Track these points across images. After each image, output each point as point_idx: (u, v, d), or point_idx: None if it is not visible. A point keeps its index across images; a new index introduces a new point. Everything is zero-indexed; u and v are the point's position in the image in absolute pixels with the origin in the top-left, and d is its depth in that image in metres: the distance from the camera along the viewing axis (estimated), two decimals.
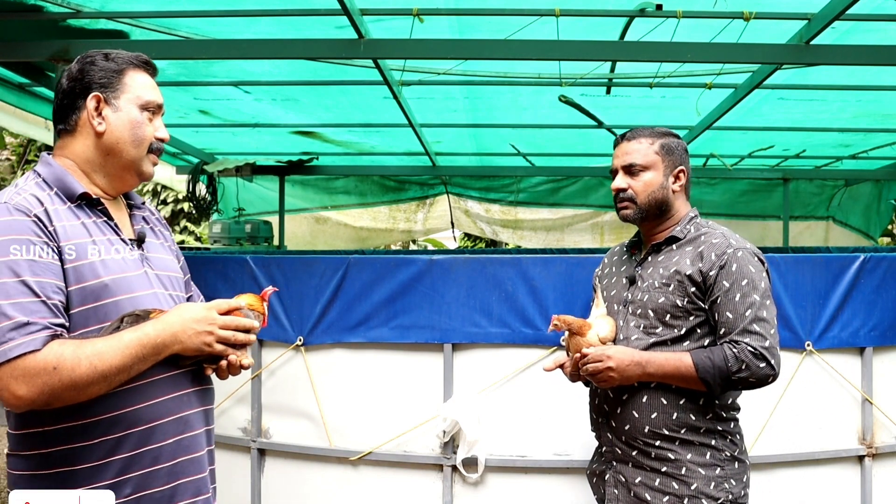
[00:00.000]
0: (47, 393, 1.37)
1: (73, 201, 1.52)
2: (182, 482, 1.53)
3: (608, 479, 2.05)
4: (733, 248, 1.92)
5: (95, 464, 1.45)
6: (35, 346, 1.37)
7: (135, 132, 1.57)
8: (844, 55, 3.45)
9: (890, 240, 8.78)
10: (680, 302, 1.94)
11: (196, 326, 1.50)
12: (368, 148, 6.46)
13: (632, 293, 2.04)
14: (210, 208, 6.79)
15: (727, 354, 1.85)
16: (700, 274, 1.92)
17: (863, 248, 6.02)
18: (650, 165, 2.02)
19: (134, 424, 1.47)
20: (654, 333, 1.96)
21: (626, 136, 2.07)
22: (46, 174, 1.54)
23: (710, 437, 1.94)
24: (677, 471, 1.92)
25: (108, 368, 1.41)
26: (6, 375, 1.36)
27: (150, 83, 1.62)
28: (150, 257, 1.62)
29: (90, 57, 1.59)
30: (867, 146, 6.03)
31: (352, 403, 2.96)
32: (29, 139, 9.10)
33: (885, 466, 2.93)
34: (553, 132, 5.69)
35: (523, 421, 2.85)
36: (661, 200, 2.02)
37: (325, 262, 2.98)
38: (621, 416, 1.99)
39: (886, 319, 2.91)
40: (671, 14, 3.24)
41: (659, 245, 2.04)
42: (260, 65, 4.11)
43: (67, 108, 1.57)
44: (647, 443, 1.95)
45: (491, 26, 3.54)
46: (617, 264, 2.20)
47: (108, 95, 1.56)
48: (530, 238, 7.57)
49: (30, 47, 3.53)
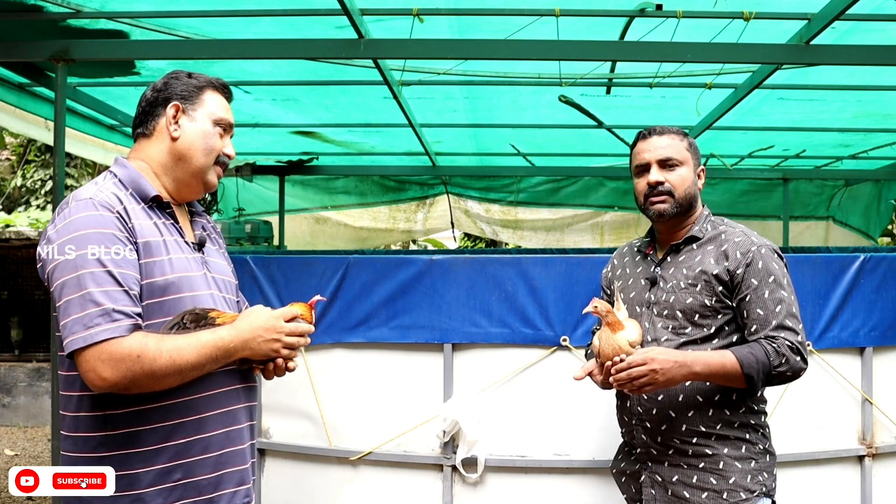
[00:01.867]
0: (129, 378, 1.47)
1: (146, 202, 1.64)
2: (227, 472, 1.63)
3: (644, 480, 2.04)
4: (756, 246, 1.94)
5: (152, 448, 1.55)
6: (121, 332, 1.47)
7: (206, 141, 1.71)
8: (844, 55, 3.45)
9: (890, 240, 8.78)
10: (708, 301, 1.94)
11: (265, 335, 1.60)
12: (368, 148, 6.46)
13: (655, 294, 2.03)
14: (210, 208, 6.80)
15: (768, 350, 1.86)
16: (727, 273, 1.93)
17: (863, 248, 6.01)
18: (684, 161, 2.02)
19: (188, 413, 1.58)
20: (683, 333, 1.96)
21: (656, 132, 2.05)
22: (123, 176, 1.65)
23: (744, 431, 1.95)
24: (715, 466, 1.93)
25: (184, 363, 1.51)
26: (93, 358, 1.46)
27: (225, 105, 1.77)
28: (209, 261, 1.75)
29: (175, 74, 1.74)
30: (867, 146, 6.03)
31: (352, 403, 2.96)
32: (29, 139, 9.10)
33: (885, 466, 2.93)
34: (553, 132, 5.69)
35: (523, 421, 2.85)
36: (693, 196, 2.03)
37: (325, 262, 2.98)
38: (658, 417, 1.98)
39: (886, 319, 2.91)
40: (671, 14, 3.24)
41: (678, 245, 2.04)
42: (260, 65, 4.11)
43: (148, 114, 1.72)
44: (684, 441, 1.95)
45: (491, 26, 3.54)
46: (630, 265, 2.18)
47: (187, 107, 1.70)
48: (530, 238, 7.57)
49: (30, 47, 3.53)
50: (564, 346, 2.82)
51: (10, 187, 9.90)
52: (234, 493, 1.64)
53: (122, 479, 1.53)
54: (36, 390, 7.07)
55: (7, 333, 7.34)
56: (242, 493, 1.66)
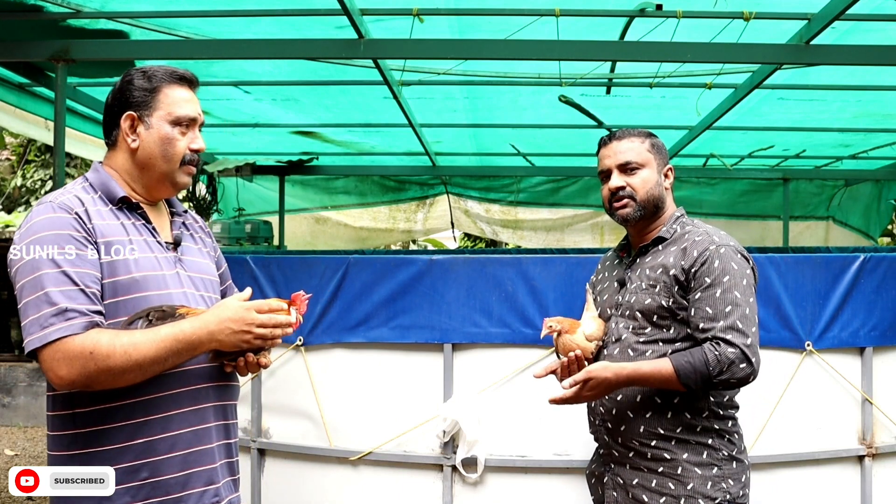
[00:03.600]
0: (85, 375, 1.48)
1: (114, 204, 1.65)
2: (195, 471, 1.61)
3: (607, 482, 2.04)
4: (716, 245, 1.91)
5: (117, 446, 1.55)
6: (74, 330, 1.48)
7: (164, 149, 1.68)
8: (844, 55, 3.45)
9: (890, 240, 8.77)
10: (665, 302, 1.93)
11: (233, 326, 1.57)
12: (368, 148, 6.47)
13: (622, 295, 2.04)
14: (210, 208, 6.80)
15: (708, 358, 1.82)
16: (683, 272, 1.91)
17: (863, 248, 6.02)
18: (645, 163, 2.02)
19: (153, 412, 1.57)
20: (643, 333, 1.96)
21: (615, 137, 2.06)
22: (93, 179, 1.68)
23: (707, 437, 1.92)
24: (673, 471, 1.90)
25: (141, 358, 1.50)
26: (49, 357, 1.47)
27: (184, 97, 1.71)
28: (185, 259, 1.73)
29: (130, 76, 1.70)
30: (867, 146, 6.03)
31: (352, 403, 2.96)
32: (29, 139, 9.10)
33: (885, 466, 2.93)
34: (553, 132, 5.69)
35: (523, 421, 2.85)
36: (658, 198, 2.02)
37: (325, 262, 2.98)
38: (617, 418, 1.98)
39: (886, 319, 2.91)
40: (671, 14, 3.24)
41: (647, 247, 2.05)
42: (260, 65, 4.12)
43: (109, 124, 1.72)
44: (643, 443, 1.94)
45: (491, 26, 3.54)
46: (609, 269, 2.21)
47: (142, 114, 1.67)
48: (530, 238, 7.57)
49: (30, 47, 3.53)
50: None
51: (10, 187, 9.90)
52: (203, 493, 1.62)
53: None
54: (36, 390, 7.07)
55: (7, 333, 7.33)
56: (211, 492, 1.64)
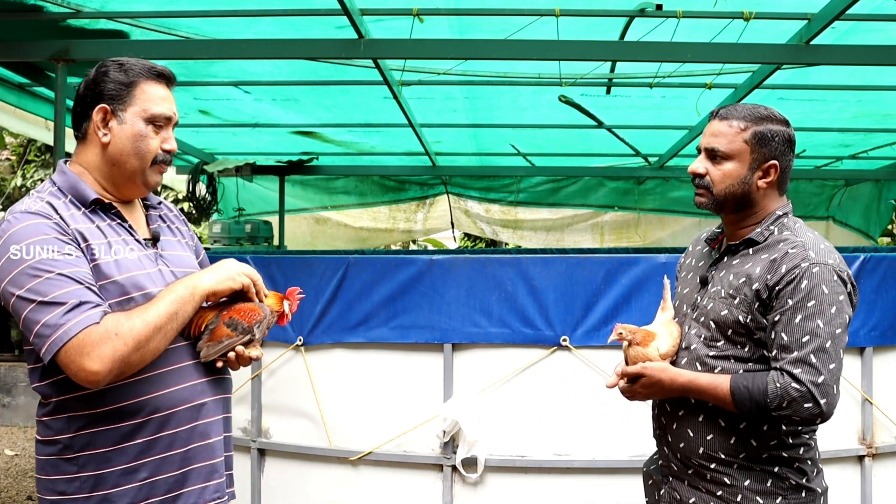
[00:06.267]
0: (118, 360, 1.44)
1: (86, 206, 1.59)
2: (195, 467, 1.59)
3: (663, 494, 1.90)
4: (809, 262, 1.65)
5: (113, 448, 1.52)
6: (93, 320, 1.44)
7: (137, 146, 1.61)
8: (844, 55, 3.45)
9: (890, 240, 8.77)
10: (742, 318, 1.70)
11: (226, 263, 1.63)
12: (368, 148, 6.47)
13: (701, 296, 1.82)
14: (210, 208, 6.80)
15: (768, 389, 1.62)
16: (766, 288, 1.67)
17: (863, 248, 6.02)
18: (734, 154, 1.75)
19: (152, 412, 1.54)
20: (714, 347, 1.75)
21: (720, 114, 1.78)
22: (61, 183, 1.61)
23: (774, 465, 1.73)
24: (733, 497, 1.73)
25: (156, 317, 1.49)
26: (74, 353, 1.42)
27: (161, 95, 1.64)
28: (165, 255, 1.69)
29: (105, 67, 1.62)
30: (867, 146, 6.04)
31: (352, 403, 2.96)
32: (29, 139, 9.10)
33: (885, 466, 2.93)
34: (553, 132, 5.69)
35: (523, 421, 2.85)
36: (741, 196, 1.76)
37: (325, 262, 2.98)
38: (676, 433, 1.81)
39: (886, 319, 2.91)
40: (671, 14, 3.24)
41: (736, 246, 1.80)
42: (260, 65, 4.11)
43: (80, 115, 1.63)
44: (701, 464, 1.77)
45: (491, 26, 3.54)
46: (696, 256, 1.97)
47: (116, 107, 1.59)
48: (530, 238, 7.57)
49: (30, 47, 3.53)
50: (564, 346, 2.82)
51: (10, 187, 9.90)
52: (204, 489, 1.60)
53: (87, 481, 1.52)
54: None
55: (7, 333, 7.33)
56: (212, 487, 1.62)
